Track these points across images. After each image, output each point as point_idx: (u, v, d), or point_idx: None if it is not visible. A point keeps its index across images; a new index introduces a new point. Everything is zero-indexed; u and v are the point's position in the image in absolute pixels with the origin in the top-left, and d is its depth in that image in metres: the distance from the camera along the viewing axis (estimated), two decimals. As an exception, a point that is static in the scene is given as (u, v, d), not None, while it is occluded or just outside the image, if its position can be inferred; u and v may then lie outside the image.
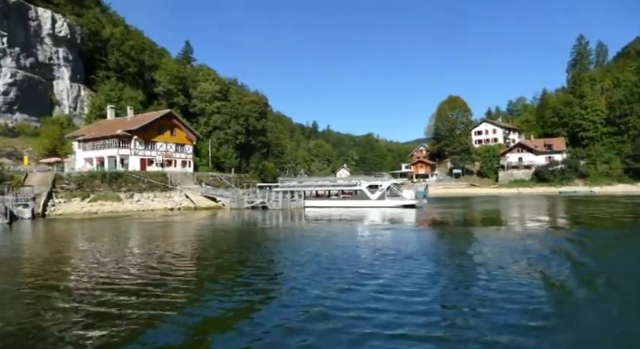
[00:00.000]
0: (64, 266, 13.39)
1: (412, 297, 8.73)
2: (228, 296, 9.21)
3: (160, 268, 12.58)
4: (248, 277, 11.37)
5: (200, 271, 12.71)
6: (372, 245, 17.10)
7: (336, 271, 11.65)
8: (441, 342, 6.33)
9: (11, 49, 50.38)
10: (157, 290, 9.76)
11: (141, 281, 10.87)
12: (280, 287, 10.20)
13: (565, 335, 6.61)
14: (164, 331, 7.15)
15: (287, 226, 27.69)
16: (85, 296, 9.36)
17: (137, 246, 17.55)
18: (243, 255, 15.39)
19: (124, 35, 69.93)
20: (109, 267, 12.96)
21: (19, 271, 12.92)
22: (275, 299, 9.00)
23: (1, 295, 9.89)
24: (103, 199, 37.82)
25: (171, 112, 53.27)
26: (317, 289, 9.60)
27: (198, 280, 11.35)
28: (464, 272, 11.28)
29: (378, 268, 12.03)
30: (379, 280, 10.42)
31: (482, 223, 26.81)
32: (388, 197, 35.81)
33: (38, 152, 49.17)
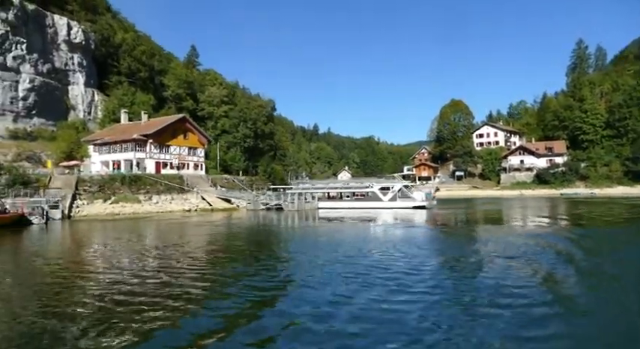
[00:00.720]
0: (106, 262, 14.76)
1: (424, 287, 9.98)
2: (253, 289, 10.02)
3: (191, 264, 13.93)
4: (276, 268, 12.90)
5: (231, 264, 14.03)
6: (393, 240, 18.60)
7: (356, 261, 13.18)
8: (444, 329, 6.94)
9: (30, 55, 51.93)
10: (187, 284, 10.91)
11: (175, 275, 12.09)
12: (307, 276, 11.38)
13: (567, 326, 7.05)
14: (190, 324, 7.52)
15: (305, 225, 29.21)
16: (120, 290, 10.59)
17: (168, 245, 18.84)
18: (268, 250, 16.97)
19: (135, 41, 71.63)
20: (148, 263, 14.40)
21: (66, 267, 14.37)
22: (303, 287, 10.19)
23: (53, 287, 11.40)
24: (123, 201, 39.32)
25: (185, 117, 54.86)
26: (341, 280, 10.64)
27: (231, 273, 12.42)
28: (473, 265, 12.78)
29: (392, 259, 13.56)
30: (395, 267, 11.97)
31: (489, 222, 28.34)
32: (399, 198, 37.39)
33: (56, 155, 50.62)
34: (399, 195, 37.50)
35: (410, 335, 6.71)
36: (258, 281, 10.97)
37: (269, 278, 11.37)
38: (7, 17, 49.34)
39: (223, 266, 13.63)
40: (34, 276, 12.66)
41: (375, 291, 9.47)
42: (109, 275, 12.06)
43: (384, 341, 6.48)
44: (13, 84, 50.20)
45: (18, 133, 50.68)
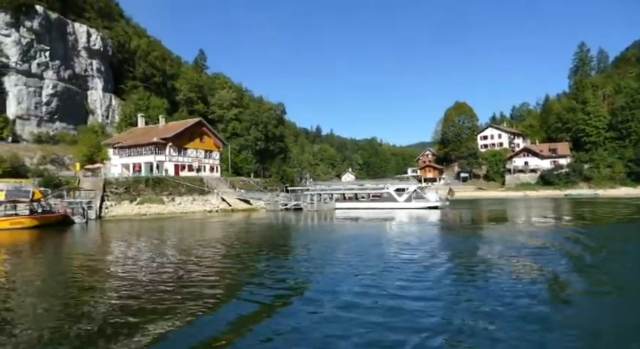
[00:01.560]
0: (146, 256, 16.57)
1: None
2: (280, 281, 11.10)
3: (228, 257, 15.82)
4: (308, 258, 14.70)
5: (263, 256, 15.73)
6: (411, 235, 20.35)
7: (379, 251, 14.96)
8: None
9: (53, 62, 53.89)
10: (228, 274, 12.72)
11: (214, 266, 13.94)
12: (334, 266, 13.15)
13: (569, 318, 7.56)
14: (211, 319, 8.05)
15: (327, 224, 30.93)
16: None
17: (203, 242, 20.52)
18: (298, 244, 18.75)
19: (148, 46, 73.70)
20: (187, 258, 16.21)
21: (113, 260, 16.19)
22: (329, 275, 11.91)
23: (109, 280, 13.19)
24: (148, 202, 41.13)
25: (201, 120, 56.68)
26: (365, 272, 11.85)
27: (264, 265, 13.98)
28: (487, 255, 14.53)
29: (409, 251, 15.34)
30: (412, 258, 13.74)
31: (499, 221, 30.01)
32: (414, 199, 39.15)
33: (78, 158, 52.50)
34: (413, 196, 39.29)
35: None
36: (291, 270, 12.74)
37: (301, 267, 13.27)
38: (32, 26, 51.32)
39: (258, 259, 15.35)
40: (82, 268, 14.37)
41: (401, 276, 11.18)
42: (148, 268, 13.58)
43: (408, 319, 7.65)
44: (37, 89, 52.15)
45: (42, 137, 52.62)
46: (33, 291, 10.89)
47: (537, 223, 26.95)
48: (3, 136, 48.98)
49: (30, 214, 26.78)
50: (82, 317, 8.25)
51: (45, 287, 11.42)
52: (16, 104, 50.09)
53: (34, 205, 27.45)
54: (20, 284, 11.87)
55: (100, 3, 68.67)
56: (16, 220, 26.03)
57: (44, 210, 28.18)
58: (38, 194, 27.71)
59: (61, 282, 12.08)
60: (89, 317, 8.27)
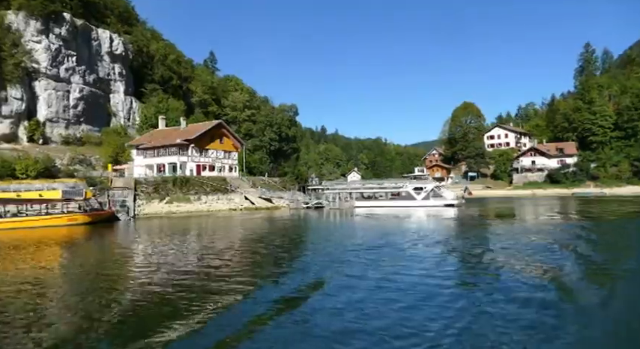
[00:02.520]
0: (184, 249, 18.63)
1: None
2: (306, 269, 12.81)
3: (263, 248, 17.89)
4: (333, 247, 16.72)
5: (295, 248, 17.84)
6: (432, 229, 22.32)
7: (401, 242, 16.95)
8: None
9: (79, 67, 56.11)
10: (263, 262, 14.88)
11: (251, 254, 16.06)
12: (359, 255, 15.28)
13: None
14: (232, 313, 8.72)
15: (350, 220, 32.96)
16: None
17: (239, 236, 22.69)
18: (326, 239, 20.75)
19: (165, 49, 75.83)
20: (225, 250, 18.27)
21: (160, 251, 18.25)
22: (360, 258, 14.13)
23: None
24: (177, 201, 43.26)
25: (221, 122, 58.80)
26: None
27: (296, 254, 16.26)
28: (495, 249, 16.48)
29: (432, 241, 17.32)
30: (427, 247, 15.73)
31: (512, 218, 31.91)
32: (432, 197, 41.09)
33: (104, 159, 54.71)
34: (431, 195, 41.22)
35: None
36: (326, 259, 14.77)
37: (335, 255, 15.35)
38: (61, 33, 53.54)
39: (289, 249, 17.42)
40: (130, 259, 16.43)
41: (423, 265, 13.24)
42: (193, 259, 15.69)
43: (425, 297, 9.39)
44: (65, 93, 54.38)
45: (69, 139, 54.85)
46: (80, 279, 12.62)
47: (550, 220, 28.86)
48: (34, 138, 51.24)
49: (82, 212, 28.97)
50: (124, 305, 9.45)
51: (93, 276, 13.07)
52: (46, 107, 52.32)
53: (84, 203, 29.62)
54: (72, 272, 13.75)
55: (120, 8, 70.87)
56: (72, 217, 28.26)
57: (93, 207, 30.35)
58: (89, 193, 29.89)
59: (110, 271, 13.84)
60: (135, 304, 9.58)
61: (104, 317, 8.49)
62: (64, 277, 12.92)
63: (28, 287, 11.35)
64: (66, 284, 11.96)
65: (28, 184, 31.62)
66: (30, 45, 51.16)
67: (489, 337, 6.80)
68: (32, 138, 51.13)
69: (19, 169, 43.60)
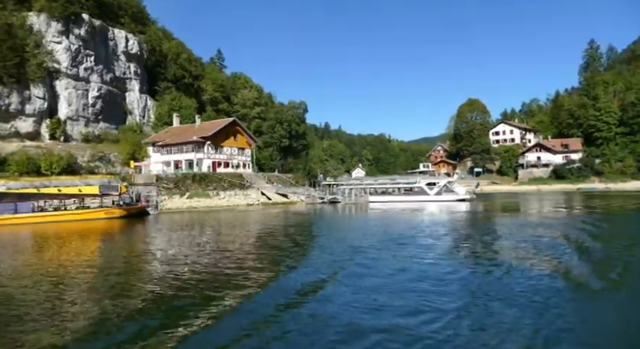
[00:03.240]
0: (210, 242, 20.25)
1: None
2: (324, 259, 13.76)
3: (286, 238, 19.40)
4: (354, 236, 18.29)
5: (318, 236, 19.47)
6: (449, 221, 23.85)
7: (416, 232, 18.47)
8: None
9: (97, 66, 57.69)
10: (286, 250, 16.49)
11: (275, 243, 17.66)
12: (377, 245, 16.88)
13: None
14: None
15: (364, 215, 34.47)
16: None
17: (262, 229, 24.27)
18: (346, 229, 22.32)
19: (177, 48, 77.26)
20: (250, 241, 19.85)
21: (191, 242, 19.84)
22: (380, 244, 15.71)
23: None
24: (196, 196, 44.92)
25: (235, 120, 60.34)
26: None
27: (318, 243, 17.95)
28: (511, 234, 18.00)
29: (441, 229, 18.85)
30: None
31: (520, 211, 33.38)
32: (444, 193, 42.59)
33: (122, 156, 56.41)
34: (444, 190, 42.73)
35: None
36: (348, 248, 16.27)
37: (351, 240, 16.84)
38: (80, 33, 55.08)
39: (313, 238, 18.99)
40: (160, 250, 18.00)
41: (435, 252, 14.78)
42: (217, 251, 16.88)
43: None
44: (84, 92, 56.01)
45: (89, 136, 56.52)
46: (119, 267, 13.86)
47: (557, 213, 30.32)
48: (56, 136, 52.91)
49: (117, 206, 30.69)
50: (156, 293, 10.03)
51: (125, 264, 14.39)
52: (66, 106, 53.96)
53: (119, 198, 31.31)
54: (112, 261, 15.06)
55: (133, 9, 72.26)
56: (109, 210, 29.99)
57: (126, 202, 32.05)
58: (124, 188, 31.58)
59: (148, 260, 15.14)
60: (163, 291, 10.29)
61: (137, 302, 9.26)
62: (105, 264, 14.21)
63: (72, 272, 12.84)
64: (106, 270, 13.19)
65: (68, 180, 33.26)
66: (51, 45, 52.71)
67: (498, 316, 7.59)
68: (54, 135, 52.79)
69: (44, 166, 45.46)
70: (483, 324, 7.14)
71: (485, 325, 7.10)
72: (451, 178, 46.09)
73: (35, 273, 12.73)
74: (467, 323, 7.19)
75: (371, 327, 7.09)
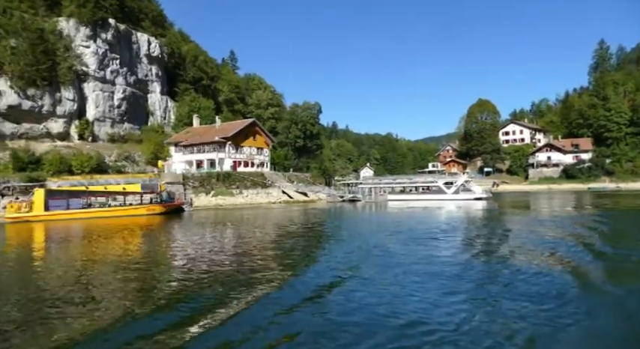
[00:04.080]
0: (241, 235, 22.03)
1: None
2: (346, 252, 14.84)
3: (314, 233, 21.15)
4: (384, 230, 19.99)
5: (342, 231, 21.20)
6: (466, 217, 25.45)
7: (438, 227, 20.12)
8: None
9: (121, 69, 59.85)
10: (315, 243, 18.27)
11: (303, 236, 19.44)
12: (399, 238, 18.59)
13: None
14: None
15: (384, 213, 36.09)
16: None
17: (289, 225, 26.03)
18: (369, 225, 24.05)
19: (196, 51, 79.38)
20: (279, 236, 21.61)
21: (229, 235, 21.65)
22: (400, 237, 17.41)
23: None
24: (221, 194, 46.86)
25: (255, 121, 62.25)
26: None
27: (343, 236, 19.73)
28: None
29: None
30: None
31: (534, 209, 34.84)
32: (462, 191, 44.15)
33: (146, 156, 58.51)
34: (461, 189, 44.28)
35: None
36: (374, 241, 18.06)
37: (379, 237, 18.56)
38: (107, 38, 57.26)
39: (338, 234, 20.71)
40: (197, 243, 19.81)
41: (452, 244, 16.48)
42: (249, 244, 18.56)
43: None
44: (110, 94, 58.19)
45: (114, 137, 58.70)
46: (155, 259, 15.05)
47: (571, 211, 31.81)
48: (84, 136, 55.14)
49: (157, 203, 32.74)
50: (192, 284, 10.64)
51: (168, 256, 15.64)
52: (94, 107, 56.16)
53: (158, 196, 33.34)
54: (156, 253, 16.59)
55: (154, 12, 74.41)
56: (150, 207, 32.01)
57: (164, 199, 34.05)
58: (162, 187, 33.58)
59: (188, 252, 16.20)
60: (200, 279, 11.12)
61: (178, 289, 10.18)
62: (148, 256, 15.65)
63: (116, 262, 14.65)
64: (148, 260, 14.58)
65: (111, 179, 35.37)
66: (80, 49, 54.91)
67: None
68: (82, 136, 55.02)
69: (75, 165, 47.62)
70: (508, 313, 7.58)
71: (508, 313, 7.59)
72: (468, 178, 47.47)
73: (83, 261, 14.47)
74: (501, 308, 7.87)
75: (401, 304, 8.18)
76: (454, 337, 6.53)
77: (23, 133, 50.62)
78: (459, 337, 6.53)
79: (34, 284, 11.30)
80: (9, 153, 45.84)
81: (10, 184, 38.78)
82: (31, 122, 50.87)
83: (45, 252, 17.89)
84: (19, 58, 48.78)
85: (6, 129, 49.22)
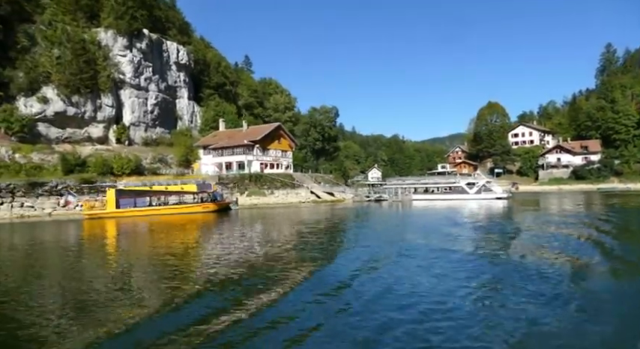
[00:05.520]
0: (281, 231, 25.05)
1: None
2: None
3: (348, 227, 24.15)
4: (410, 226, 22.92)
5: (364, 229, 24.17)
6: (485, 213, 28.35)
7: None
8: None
9: (154, 76, 63.28)
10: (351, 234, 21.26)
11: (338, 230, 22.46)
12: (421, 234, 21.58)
13: None
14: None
15: (411, 211, 38.97)
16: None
17: (326, 220, 29.04)
18: (392, 223, 27.01)
19: (219, 58, 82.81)
20: (318, 230, 24.61)
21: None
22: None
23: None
24: (255, 194, 50.00)
25: (280, 125, 65.45)
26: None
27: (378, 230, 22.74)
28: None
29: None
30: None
31: (548, 207, 37.63)
32: (483, 191, 47.05)
33: (177, 158, 61.80)
34: (482, 189, 47.19)
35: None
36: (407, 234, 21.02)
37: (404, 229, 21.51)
38: (141, 47, 60.72)
39: (374, 227, 23.70)
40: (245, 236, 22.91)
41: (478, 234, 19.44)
42: (291, 237, 22.10)
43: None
44: (144, 100, 61.62)
45: (147, 140, 62.11)
46: (212, 251, 16.88)
47: (585, 209, 34.65)
48: (121, 140, 58.53)
49: (210, 202, 36.07)
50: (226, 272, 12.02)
51: (223, 247, 17.62)
52: (130, 113, 59.58)
53: (209, 195, 36.59)
54: (208, 244, 19.21)
55: (180, 21, 77.93)
56: (205, 206, 35.27)
57: (216, 198, 37.29)
58: (215, 187, 36.78)
59: (227, 244, 18.94)
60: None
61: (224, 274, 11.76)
62: (211, 246, 18.29)
63: (177, 252, 17.54)
64: (207, 251, 17.05)
65: (170, 180, 38.65)
66: (117, 58, 58.38)
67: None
68: (119, 140, 58.42)
69: (116, 167, 50.95)
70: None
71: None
72: (489, 178, 50.29)
73: (148, 251, 17.27)
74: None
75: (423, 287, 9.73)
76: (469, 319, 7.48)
77: (67, 137, 54.11)
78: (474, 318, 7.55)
79: (109, 266, 14.02)
80: (57, 156, 49.31)
81: (66, 184, 42.28)
82: (74, 127, 54.34)
83: (121, 242, 21.34)
84: (65, 67, 52.29)
85: (52, 134, 52.72)
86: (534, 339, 6.52)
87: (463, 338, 6.54)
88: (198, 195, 35.76)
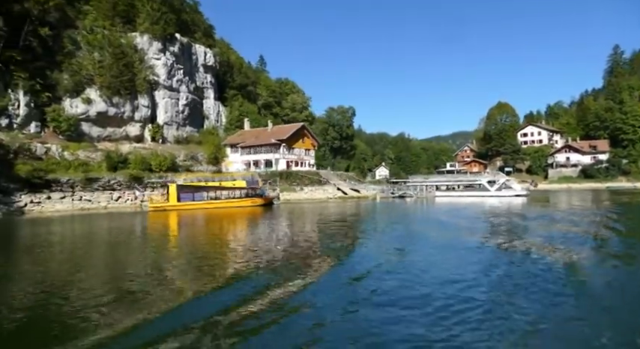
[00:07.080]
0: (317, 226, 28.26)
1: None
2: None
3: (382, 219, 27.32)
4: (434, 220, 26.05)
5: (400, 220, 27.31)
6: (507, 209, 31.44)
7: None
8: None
9: (184, 78, 66.51)
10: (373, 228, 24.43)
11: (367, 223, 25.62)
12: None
13: None
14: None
15: (435, 207, 42.01)
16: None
17: (356, 214, 32.23)
18: (418, 217, 30.08)
19: (239, 59, 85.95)
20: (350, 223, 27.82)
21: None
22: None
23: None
24: (286, 191, 53.21)
25: (304, 125, 68.67)
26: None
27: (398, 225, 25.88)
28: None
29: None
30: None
31: (562, 204, 40.62)
32: (503, 189, 50.11)
33: (207, 156, 65.06)
34: (502, 187, 50.25)
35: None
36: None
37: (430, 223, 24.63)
38: (174, 50, 63.94)
39: (400, 220, 26.84)
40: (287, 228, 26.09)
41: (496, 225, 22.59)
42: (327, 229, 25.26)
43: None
44: (176, 101, 64.89)
45: (179, 139, 65.40)
46: (260, 241, 21.84)
47: (596, 206, 37.72)
48: (156, 139, 61.83)
49: (257, 197, 39.46)
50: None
51: (270, 236, 21.38)
52: (164, 113, 62.86)
53: (256, 191, 39.93)
54: (259, 234, 22.92)
55: (204, 25, 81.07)
56: (254, 200, 38.59)
57: (262, 194, 40.64)
58: (261, 183, 40.08)
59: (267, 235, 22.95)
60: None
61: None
62: (251, 235, 21.97)
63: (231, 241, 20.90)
64: (257, 240, 20.76)
65: (222, 177, 42.01)
66: (152, 61, 61.59)
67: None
68: (154, 138, 61.71)
69: (154, 164, 54.27)
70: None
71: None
72: (508, 177, 53.18)
73: (206, 241, 20.11)
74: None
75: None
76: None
77: (107, 136, 57.43)
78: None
79: (170, 252, 16.54)
80: (100, 154, 52.67)
81: (117, 180, 45.68)
82: (114, 126, 57.66)
83: (183, 230, 24.69)
84: (106, 70, 55.56)
85: (94, 133, 56.06)
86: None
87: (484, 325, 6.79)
88: (248, 191, 39.03)
